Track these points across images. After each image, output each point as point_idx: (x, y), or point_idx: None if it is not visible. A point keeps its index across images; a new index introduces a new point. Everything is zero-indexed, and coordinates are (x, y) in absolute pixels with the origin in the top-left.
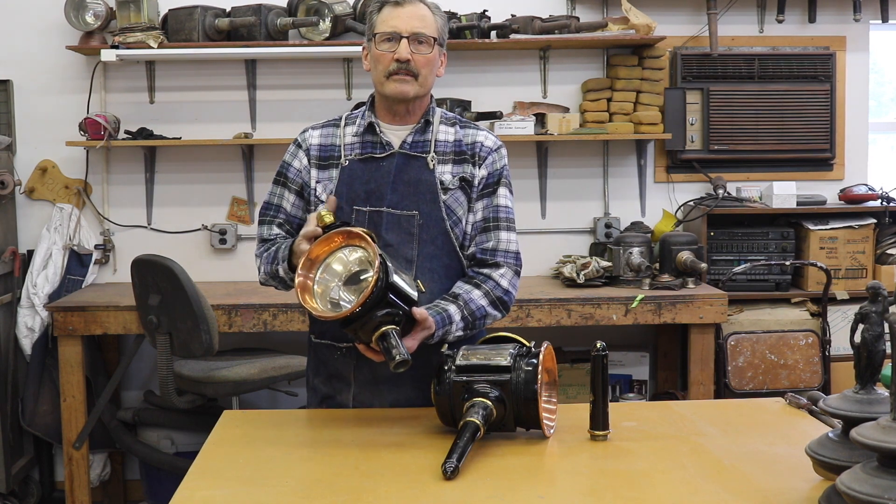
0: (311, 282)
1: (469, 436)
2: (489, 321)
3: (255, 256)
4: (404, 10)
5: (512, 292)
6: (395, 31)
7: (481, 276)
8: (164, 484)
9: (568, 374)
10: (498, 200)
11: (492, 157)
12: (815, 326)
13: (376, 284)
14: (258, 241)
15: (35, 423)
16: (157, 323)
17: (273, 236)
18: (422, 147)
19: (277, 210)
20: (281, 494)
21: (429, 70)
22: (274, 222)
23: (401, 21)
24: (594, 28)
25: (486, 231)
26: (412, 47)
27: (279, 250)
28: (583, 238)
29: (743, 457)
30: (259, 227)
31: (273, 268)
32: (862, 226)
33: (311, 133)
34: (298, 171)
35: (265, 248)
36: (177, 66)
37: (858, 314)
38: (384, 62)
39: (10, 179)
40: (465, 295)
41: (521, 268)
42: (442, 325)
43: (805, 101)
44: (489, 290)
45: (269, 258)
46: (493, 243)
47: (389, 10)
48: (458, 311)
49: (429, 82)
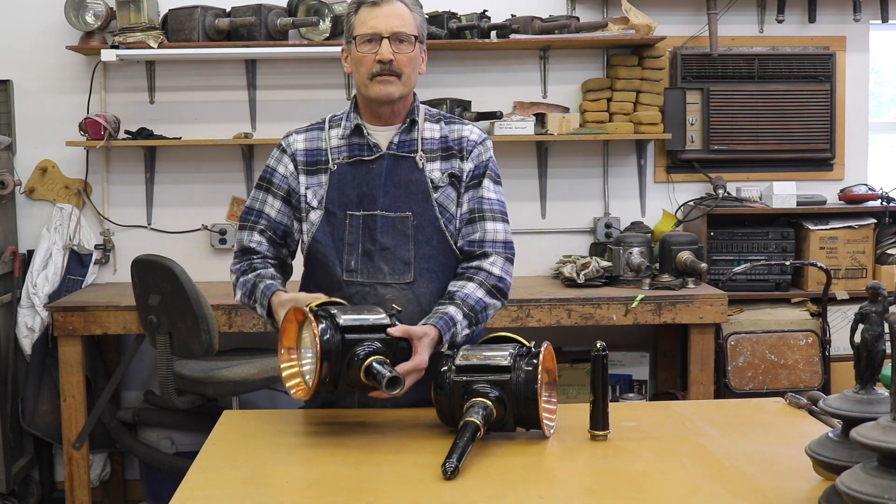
0: (299, 368)
1: (469, 436)
2: (490, 312)
3: (231, 272)
4: (382, 9)
5: (506, 278)
6: (375, 31)
7: (471, 269)
8: (164, 484)
9: (568, 374)
10: (482, 192)
11: (477, 149)
12: (815, 326)
13: (321, 338)
14: (237, 248)
15: (35, 423)
16: (157, 323)
17: (254, 244)
18: (409, 147)
19: (259, 216)
20: (281, 494)
21: (411, 69)
22: (255, 228)
23: (380, 21)
24: (594, 28)
25: (471, 222)
26: (394, 47)
27: (256, 287)
28: (583, 238)
29: (743, 457)
30: (239, 233)
31: (250, 303)
32: (862, 226)
33: (294, 137)
34: (284, 176)
35: (241, 270)
36: (177, 66)
37: (858, 314)
38: (366, 64)
39: (10, 179)
40: (460, 292)
41: (512, 255)
42: (447, 328)
43: (805, 101)
44: (482, 280)
45: (245, 288)
46: (479, 234)
47: (367, 11)
48: (458, 310)
49: (412, 81)
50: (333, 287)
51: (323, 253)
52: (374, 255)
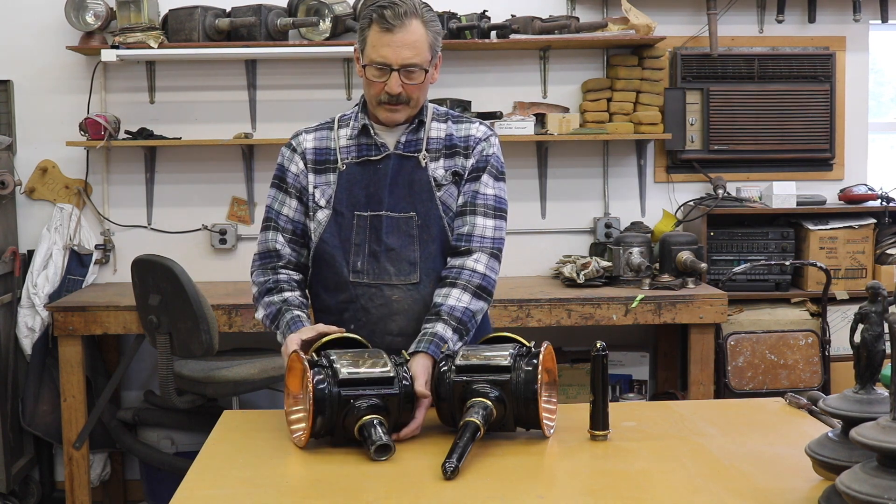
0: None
1: (469, 436)
2: (479, 317)
3: (254, 283)
4: (395, 37)
5: (490, 276)
6: (385, 62)
7: (454, 271)
8: (164, 484)
9: (568, 374)
10: (478, 186)
11: (480, 145)
12: (814, 326)
13: (315, 389)
14: (261, 249)
15: (35, 423)
16: (157, 323)
17: (278, 246)
18: (415, 146)
19: (278, 215)
20: (281, 494)
21: (420, 93)
22: (277, 229)
23: (391, 52)
24: (594, 28)
25: (462, 215)
26: (403, 77)
27: (282, 316)
28: (583, 238)
29: (743, 457)
30: (262, 233)
31: (272, 328)
32: (862, 226)
33: (304, 137)
34: (296, 175)
35: (267, 288)
36: (177, 66)
37: (858, 314)
38: (375, 88)
39: (11, 179)
40: (445, 305)
41: (499, 251)
42: (438, 351)
43: (805, 101)
44: (466, 282)
45: (269, 311)
46: (467, 228)
47: (380, 36)
48: (446, 326)
49: (421, 101)
50: (340, 287)
51: (330, 253)
52: (380, 255)
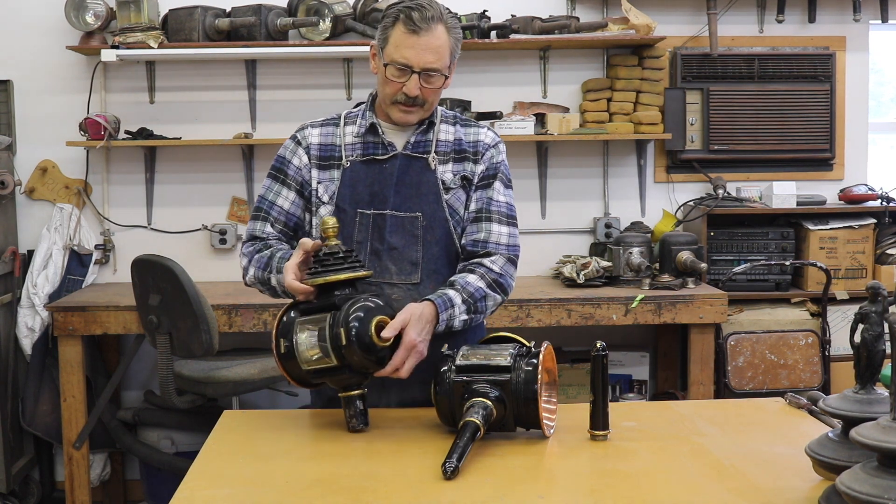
0: None
1: (469, 436)
2: (490, 303)
3: (242, 255)
4: (420, 39)
5: (506, 276)
6: (408, 64)
7: (472, 264)
8: (164, 484)
9: (568, 374)
10: (492, 193)
11: (490, 152)
12: (815, 326)
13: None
14: (247, 236)
15: (35, 423)
16: (157, 323)
17: (265, 234)
18: (424, 147)
19: (271, 206)
20: (281, 494)
21: (435, 97)
22: (268, 219)
23: (414, 54)
24: (594, 28)
25: (477, 222)
26: (422, 81)
27: (273, 257)
28: (583, 238)
29: (743, 457)
30: (251, 223)
31: (265, 275)
32: (862, 226)
33: (310, 131)
34: (298, 168)
35: (255, 249)
36: (177, 66)
37: (858, 314)
38: (392, 87)
39: (11, 179)
40: (460, 280)
41: (516, 256)
42: (444, 306)
43: (805, 101)
44: (483, 273)
45: (260, 263)
46: (483, 234)
47: (405, 37)
48: (457, 294)
49: (435, 104)
50: None
51: None
52: (381, 254)
